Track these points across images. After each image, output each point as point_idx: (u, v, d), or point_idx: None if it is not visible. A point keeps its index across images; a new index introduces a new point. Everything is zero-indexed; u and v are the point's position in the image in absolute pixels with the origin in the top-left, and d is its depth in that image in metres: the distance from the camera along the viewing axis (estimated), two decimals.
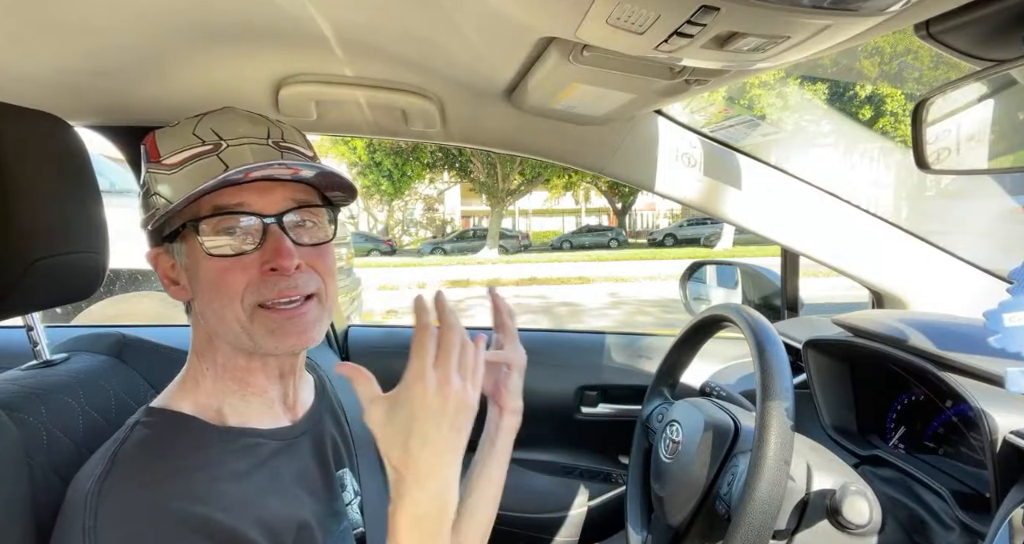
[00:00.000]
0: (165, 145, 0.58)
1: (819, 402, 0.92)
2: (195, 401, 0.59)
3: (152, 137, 0.60)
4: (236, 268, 0.56)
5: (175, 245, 0.59)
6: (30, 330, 0.76)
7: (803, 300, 1.34)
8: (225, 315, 0.57)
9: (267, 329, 0.57)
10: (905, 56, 14.13)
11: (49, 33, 0.65)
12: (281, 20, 0.71)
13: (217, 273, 0.56)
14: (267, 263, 0.56)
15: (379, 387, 0.56)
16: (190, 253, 0.58)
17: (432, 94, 0.96)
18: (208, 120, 0.60)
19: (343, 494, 0.67)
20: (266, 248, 0.57)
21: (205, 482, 0.53)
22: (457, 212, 31.78)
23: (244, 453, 0.58)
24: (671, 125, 1.09)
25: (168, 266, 0.61)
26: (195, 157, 0.57)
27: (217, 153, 0.57)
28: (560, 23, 0.61)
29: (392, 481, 0.53)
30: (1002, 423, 0.60)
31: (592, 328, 7.30)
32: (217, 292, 0.56)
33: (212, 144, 0.58)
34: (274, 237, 0.57)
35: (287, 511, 0.57)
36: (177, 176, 0.57)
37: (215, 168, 0.56)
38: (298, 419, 0.66)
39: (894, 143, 15.33)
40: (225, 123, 0.59)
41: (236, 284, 0.56)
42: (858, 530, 0.65)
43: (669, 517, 0.80)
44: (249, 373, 0.61)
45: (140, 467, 0.52)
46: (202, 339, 0.61)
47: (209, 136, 0.58)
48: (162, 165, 0.58)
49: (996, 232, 7.64)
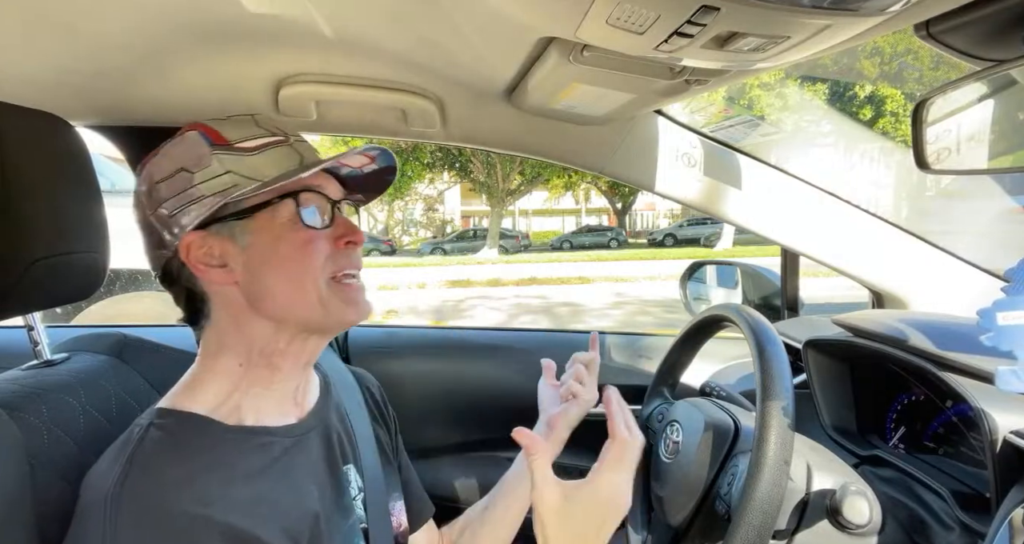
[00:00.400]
0: (231, 133, 0.61)
1: (819, 402, 0.92)
2: (207, 401, 0.59)
3: (202, 126, 0.61)
4: (319, 239, 0.61)
5: (240, 223, 0.59)
6: (30, 330, 0.76)
7: (803, 300, 1.34)
8: (306, 285, 0.60)
9: (343, 299, 0.62)
10: (905, 56, 14.13)
11: (50, 33, 0.65)
12: (281, 20, 0.71)
13: (303, 244, 0.60)
14: (343, 237, 0.63)
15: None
16: (263, 229, 0.60)
17: (432, 94, 0.96)
18: (262, 119, 0.64)
19: (349, 489, 0.68)
20: (338, 225, 0.63)
21: (221, 484, 0.53)
22: (457, 212, 31.78)
23: (257, 452, 0.58)
24: (671, 125, 1.09)
25: (210, 250, 0.60)
26: (271, 144, 0.61)
27: (290, 143, 0.63)
28: (560, 23, 0.61)
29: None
30: (1002, 423, 0.60)
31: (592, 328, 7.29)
32: (302, 263, 0.60)
33: (282, 135, 0.63)
34: (341, 217, 0.64)
35: (301, 507, 0.58)
36: (259, 158, 0.60)
37: (293, 155, 0.62)
38: (305, 415, 0.66)
39: (894, 143, 15.32)
40: (278, 123, 0.65)
41: (320, 254, 0.61)
42: (858, 530, 0.65)
43: (669, 517, 0.80)
44: (284, 358, 0.62)
45: (158, 469, 0.52)
46: (231, 332, 0.61)
47: (274, 129, 0.63)
48: (236, 148, 0.60)
49: (996, 232, 7.64)
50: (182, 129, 0.62)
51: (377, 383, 0.89)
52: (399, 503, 0.78)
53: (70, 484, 0.56)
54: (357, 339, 1.43)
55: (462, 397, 1.41)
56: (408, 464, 0.87)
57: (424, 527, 0.86)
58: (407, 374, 1.41)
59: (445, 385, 1.41)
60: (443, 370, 1.43)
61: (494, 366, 1.43)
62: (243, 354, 0.61)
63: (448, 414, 1.40)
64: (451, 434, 1.41)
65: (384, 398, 0.87)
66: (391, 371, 1.41)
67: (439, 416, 1.41)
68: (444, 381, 1.41)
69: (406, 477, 0.85)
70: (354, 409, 0.76)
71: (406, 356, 1.43)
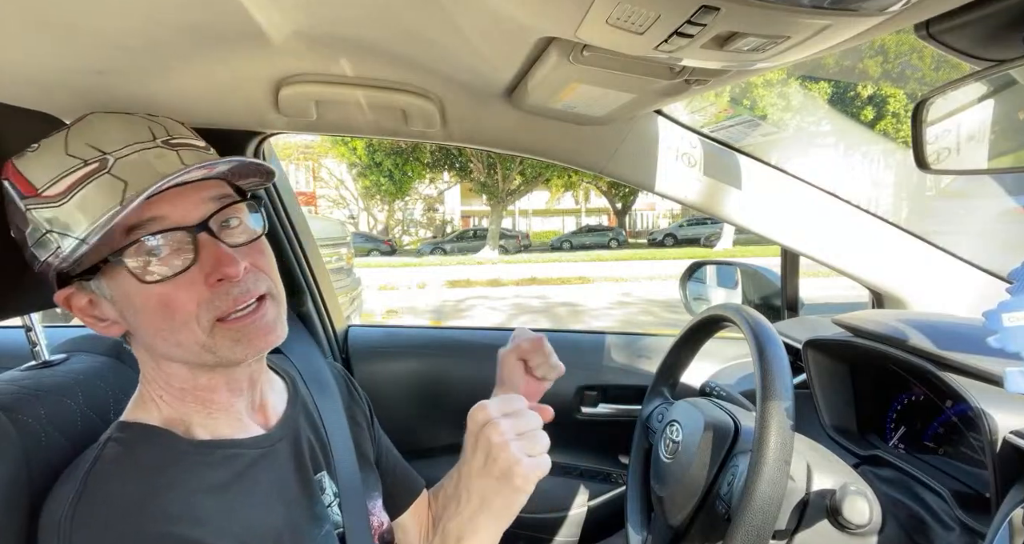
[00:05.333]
0: (36, 174, 0.51)
1: (819, 402, 0.92)
2: (161, 418, 0.57)
3: (10, 168, 0.52)
4: (181, 288, 0.52)
5: (92, 282, 0.54)
6: (29, 331, 0.76)
7: (803, 300, 1.34)
8: (182, 340, 0.53)
9: (231, 340, 0.54)
10: (910, 56, 14.12)
11: (49, 34, 0.65)
12: (281, 20, 0.71)
13: (161, 299, 0.52)
14: (212, 274, 0.53)
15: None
16: (118, 286, 0.53)
17: (432, 94, 0.96)
18: (77, 135, 0.53)
19: (322, 497, 0.66)
20: (204, 259, 0.53)
21: (182, 499, 0.51)
22: (457, 212, 31.78)
23: (222, 464, 0.56)
24: (671, 125, 1.08)
25: (85, 304, 0.55)
26: (82, 180, 0.50)
27: (108, 170, 0.51)
28: (560, 23, 0.61)
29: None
30: (1002, 423, 0.60)
31: (592, 328, 7.30)
32: (167, 319, 0.52)
33: (96, 161, 0.51)
34: (208, 246, 0.53)
35: (265, 523, 0.56)
36: (68, 207, 0.50)
37: (112, 187, 0.50)
38: (272, 426, 0.64)
39: (895, 143, 15.32)
40: (100, 133, 0.53)
41: (188, 305, 0.52)
42: (858, 530, 0.65)
43: (669, 517, 0.80)
44: (212, 391, 0.58)
45: (114, 488, 0.50)
46: (151, 368, 0.58)
47: (88, 152, 0.52)
48: (43, 197, 0.50)
49: (996, 232, 7.64)
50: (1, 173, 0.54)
51: (344, 370, 0.87)
52: (378, 502, 0.76)
53: None
54: (357, 339, 1.43)
55: (461, 397, 1.40)
56: (389, 445, 0.85)
57: (416, 502, 0.85)
58: (407, 374, 1.41)
59: (444, 385, 1.41)
60: (443, 370, 1.43)
61: (494, 366, 1.43)
62: (164, 393, 0.58)
63: (447, 414, 1.39)
64: (450, 434, 1.41)
65: (354, 385, 0.85)
66: (391, 371, 1.41)
67: (438, 416, 1.41)
68: (444, 381, 1.41)
69: (391, 460, 0.83)
70: (329, 410, 0.74)
71: (406, 356, 1.43)
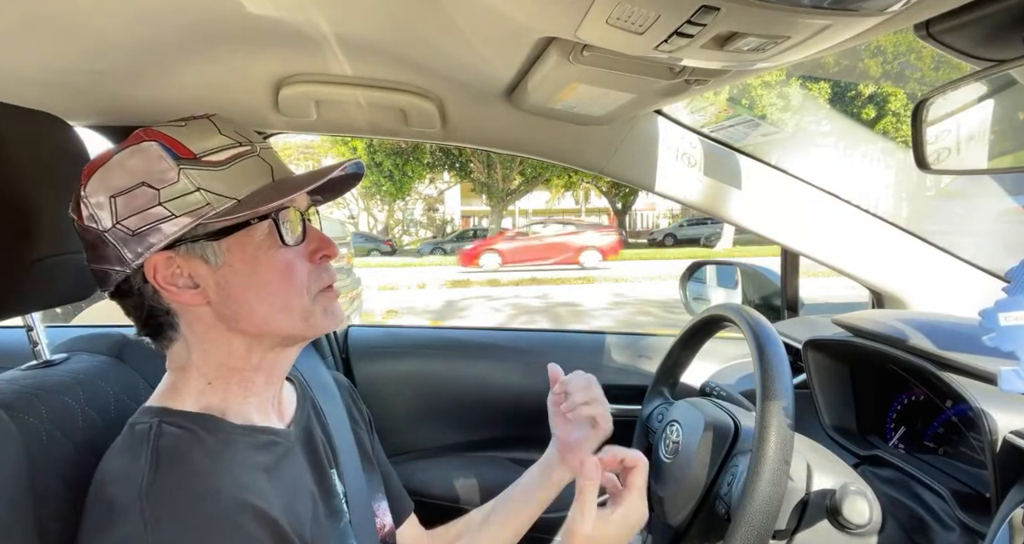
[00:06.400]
0: (194, 143, 0.56)
1: (819, 402, 0.92)
2: (197, 405, 0.59)
3: (160, 135, 0.56)
4: (299, 257, 0.60)
5: (212, 244, 0.56)
6: (30, 330, 0.76)
7: (803, 300, 1.34)
8: (293, 303, 0.59)
9: (325, 310, 0.61)
10: (908, 56, 14.12)
11: (49, 33, 0.65)
12: (281, 20, 0.71)
13: (287, 264, 0.59)
14: (318, 251, 0.61)
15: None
16: (238, 249, 0.57)
17: (432, 94, 0.96)
18: (222, 122, 0.59)
19: (336, 493, 0.68)
20: (311, 238, 0.61)
21: (247, 472, 0.54)
22: (457, 212, 31.77)
23: (266, 449, 0.59)
24: (671, 125, 1.09)
25: (179, 270, 0.57)
26: (239, 156, 0.57)
27: (257, 154, 0.59)
28: (560, 23, 0.61)
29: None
30: (1002, 423, 0.60)
31: (592, 328, 7.30)
32: (286, 282, 0.59)
33: (248, 144, 0.59)
34: (312, 229, 0.62)
35: (300, 511, 0.58)
36: (229, 173, 0.56)
37: (263, 168, 0.59)
38: (289, 423, 0.66)
39: (895, 143, 15.32)
40: (238, 126, 0.60)
41: (302, 273, 0.60)
42: (858, 530, 0.65)
43: (669, 517, 0.80)
44: (257, 373, 0.61)
45: (188, 459, 0.52)
46: (206, 348, 0.59)
47: (238, 137, 0.59)
48: (204, 162, 0.56)
49: (996, 232, 7.63)
50: (134, 136, 0.57)
51: (348, 381, 0.88)
52: (383, 504, 0.78)
53: (69, 485, 0.56)
54: (357, 339, 1.43)
55: (461, 397, 1.41)
56: (385, 461, 0.87)
57: (407, 522, 0.86)
58: (407, 374, 1.41)
59: (445, 385, 1.41)
60: (443, 370, 1.43)
61: (494, 366, 1.43)
62: (211, 373, 0.59)
63: (447, 414, 1.40)
64: (450, 434, 1.41)
65: (357, 397, 0.86)
66: (391, 371, 1.41)
67: (438, 416, 1.41)
68: (444, 381, 1.41)
69: (386, 473, 0.85)
70: (333, 413, 0.76)
71: (406, 356, 1.43)
